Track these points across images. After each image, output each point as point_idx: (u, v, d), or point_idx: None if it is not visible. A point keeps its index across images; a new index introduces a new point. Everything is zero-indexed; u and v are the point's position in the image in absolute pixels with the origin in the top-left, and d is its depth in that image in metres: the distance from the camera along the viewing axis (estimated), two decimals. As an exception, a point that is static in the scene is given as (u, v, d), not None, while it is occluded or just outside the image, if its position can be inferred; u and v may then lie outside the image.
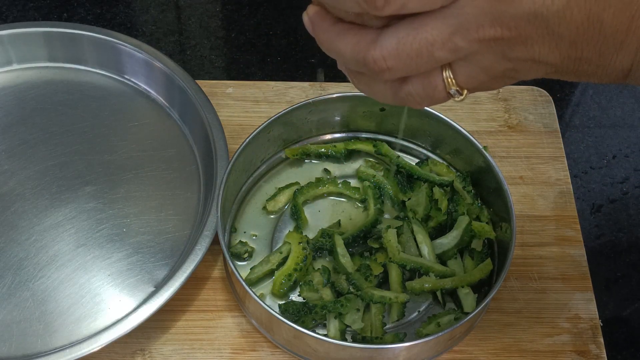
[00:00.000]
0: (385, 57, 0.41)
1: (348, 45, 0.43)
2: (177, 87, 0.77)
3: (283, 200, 0.72)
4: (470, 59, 0.42)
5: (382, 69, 0.42)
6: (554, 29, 0.40)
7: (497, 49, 0.41)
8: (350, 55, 0.43)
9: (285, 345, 0.64)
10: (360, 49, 0.42)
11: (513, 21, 0.39)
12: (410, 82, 0.43)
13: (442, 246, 0.67)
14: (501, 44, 0.41)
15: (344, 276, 0.66)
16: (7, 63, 0.81)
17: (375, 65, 0.42)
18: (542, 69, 0.42)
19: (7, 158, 0.75)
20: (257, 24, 0.91)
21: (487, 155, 0.69)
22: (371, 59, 0.42)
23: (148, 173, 0.75)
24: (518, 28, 0.40)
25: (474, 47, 0.41)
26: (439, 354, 0.64)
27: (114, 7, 0.92)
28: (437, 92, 0.43)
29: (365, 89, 0.46)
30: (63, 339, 0.64)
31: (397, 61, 0.41)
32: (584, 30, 0.40)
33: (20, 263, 0.68)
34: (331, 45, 0.43)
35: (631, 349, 0.69)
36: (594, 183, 0.79)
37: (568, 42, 0.40)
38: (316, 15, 0.44)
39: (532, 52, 0.41)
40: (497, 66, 0.42)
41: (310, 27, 0.44)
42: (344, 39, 0.43)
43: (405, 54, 0.41)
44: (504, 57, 0.41)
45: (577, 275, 0.70)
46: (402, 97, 0.44)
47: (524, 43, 0.40)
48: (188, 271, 0.65)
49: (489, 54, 0.41)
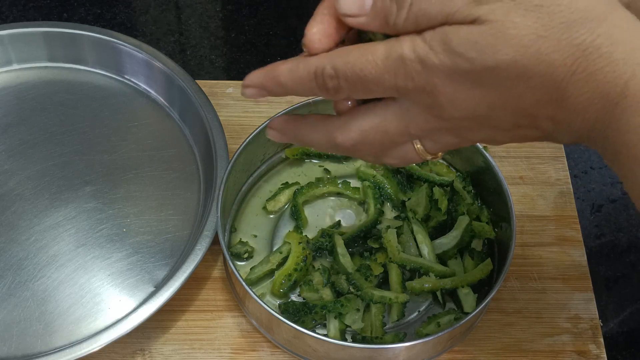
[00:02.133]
0: (354, 144, 0.46)
1: (320, 135, 0.48)
2: (177, 87, 0.77)
3: (283, 200, 0.72)
4: (432, 138, 0.45)
5: (352, 152, 0.47)
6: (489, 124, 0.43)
7: (450, 133, 0.44)
8: (324, 143, 0.48)
9: (285, 345, 0.64)
10: (331, 137, 0.47)
11: (452, 120, 0.43)
12: (386, 156, 0.48)
13: (442, 246, 0.67)
14: (450, 131, 0.44)
15: (344, 276, 0.66)
16: (7, 63, 0.81)
17: (346, 149, 0.47)
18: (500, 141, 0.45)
19: (7, 158, 0.75)
20: (257, 24, 0.91)
21: (487, 155, 0.69)
22: (341, 145, 0.47)
23: (148, 173, 0.75)
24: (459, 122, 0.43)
25: (427, 133, 0.45)
26: (439, 354, 0.64)
27: (114, 7, 0.92)
28: (413, 159, 0.47)
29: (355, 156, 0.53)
30: (63, 339, 0.64)
31: (364, 146, 0.46)
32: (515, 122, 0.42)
33: (20, 263, 0.68)
34: (305, 137, 0.49)
35: (631, 349, 0.69)
36: (594, 183, 0.79)
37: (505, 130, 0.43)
38: (282, 121, 0.50)
39: (480, 135, 0.44)
40: (458, 142, 0.45)
41: (277, 135, 0.50)
42: (316, 130, 0.48)
43: (369, 140, 0.46)
44: (458, 137, 0.45)
45: (577, 275, 0.70)
46: (381, 162, 0.49)
47: (468, 130, 0.44)
48: (188, 271, 0.65)
49: (444, 136, 0.45)
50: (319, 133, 0.48)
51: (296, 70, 0.45)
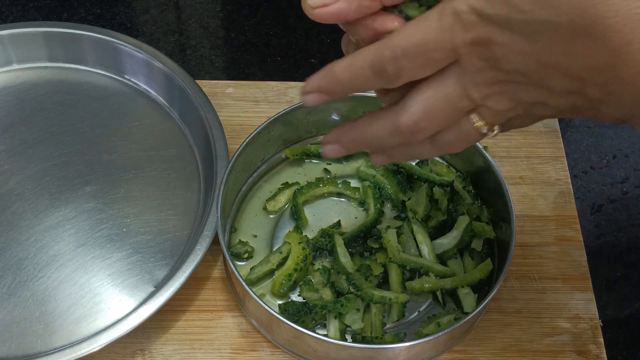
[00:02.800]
0: (416, 120, 0.45)
1: (380, 126, 0.47)
2: (177, 87, 0.77)
3: (283, 200, 0.72)
4: (488, 105, 0.44)
5: (415, 131, 0.46)
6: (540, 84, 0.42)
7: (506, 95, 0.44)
8: (385, 132, 0.47)
9: (285, 345, 0.64)
10: (391, 123, 0.46)
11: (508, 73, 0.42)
12: (445, 134, 0.47)
13: (442, 246, 0.67)
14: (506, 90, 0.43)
15: (344, 276, 0.66)
16: (7, 63, 0.81)
17: (409, 130, 0.46)
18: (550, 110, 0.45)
19: (7, 158, 0.75)
20: (257, 24, 0.91)
21: (487, 155, 0.69)
22: (404, 126, 0.45)
23: (148, 173, 0.75)
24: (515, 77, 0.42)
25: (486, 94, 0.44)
26: (439, 354, 0.64)
27: (114, 7, 0.92)
28: (470, 136, 0.46)
29: (411, 156, 0.50)
30: (63, 339, 0.64)
31: (427, 121, 0.45)
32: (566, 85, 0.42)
33: (20, 263, 0.68)
34: (365, 136, 0.48)
35: (631, 349, 0.69)
36: (594, 183, 0.79)
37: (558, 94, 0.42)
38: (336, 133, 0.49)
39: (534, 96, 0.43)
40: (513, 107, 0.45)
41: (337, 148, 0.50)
42: (373, 123, 0.47)
43: (432, 113, 0.45)
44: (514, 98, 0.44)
45: (577, 275, 0.70)
46: (442, 149, 0.48)
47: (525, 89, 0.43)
48: (188, 271, 0.65)
49: (501, 99, 0.44)
50: (378, 124, 0.47)
51: (352, 64, 0.44)
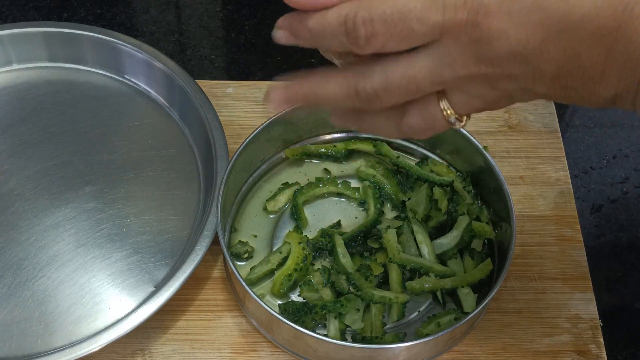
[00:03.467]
0: (375, 89, 0.43)
1: (336, 83, 0.44)
2: (177, 87, 0.77)
3: (283, 200, 0.72)
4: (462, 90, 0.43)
5: (372, 99, 0.43)
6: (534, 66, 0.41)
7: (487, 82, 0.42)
8: (340, 91, 0.44)
9: (285, 345, 0.64)
10: (349, 82, 0.44)
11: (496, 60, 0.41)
12: (410, 113, 0.45)
13: (442, 246, 0.67)
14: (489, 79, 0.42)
15: (344, 276, 0.66)
16: (7, 63, 0.81)
17: (366, 95, 0.43)
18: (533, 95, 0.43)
19: (7, 158, 0.75)
20: (257, 24, 0.91)
21: (487, 155, 0.69)
22: (362, 91, 0.43)
23: (148, 173, 0.75)
24: (501, 66, 0.41)
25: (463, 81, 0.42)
26: (439, 354, 0.64)
27: (114, 7, 0.92)
28: (436, 122, 0.44)
29: (371, 129, 0.48)
30: (63, 339, 0.64)
31: (387, 93, 0.43)
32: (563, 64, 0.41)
33: (20, 263, 0.68)
34: (318, 89, 0.45)
35: (631, 349, 0.69)
36: (594, 183, 0.79)
37: (550, 76, 0.41)
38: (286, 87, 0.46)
39: (519, 84, 0.42)
40: (490, 95, 0.43)
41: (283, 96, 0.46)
42: (331, 79, 0.44)
43: (394, 87, 0.43)
44: (493, 88, 0.42)
45: (577, 275, 0.70)
46: (404, 131, 0.46)
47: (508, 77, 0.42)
48: (188, 271, 0.65)
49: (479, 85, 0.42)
50: (335, 81, 0.44)
51: (325, 15, 0.42)
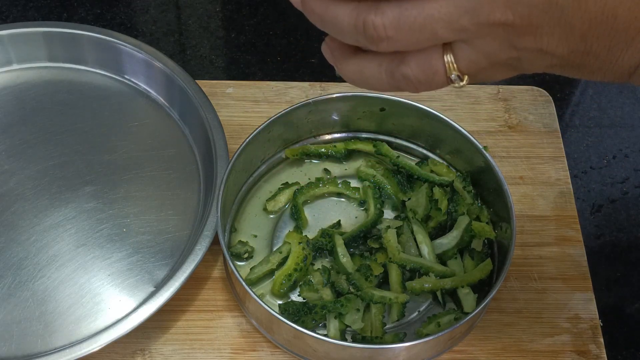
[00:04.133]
0: (386, 25, 0.40)
1: (346, 9, 0.41)
2: (177, 87, 0.77)
3: (283, 200, 0.72)
4: (474, 43, 0.40)
5: (380, 37, 0.40)
6: (567, 20, 0.39)
7: (505, 36, 0.40)
8: (347, 21, 0.41)
9: (285, 345, 0.64)
10: (359, 13, 0.40)
11: (527, 9, 0.38)
12: (408, 63, 0.42)
13: (442, 246, 0.67)
14: (510, 31, 0.40)
15: (344, 276, 0.66)
16: (7, 63, 0.81)
17: (375, 31, 0.40)
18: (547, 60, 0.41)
19: (7, 158, 0.75)
20: (257, 24, 0.91)
21: (487, 155, 0.69)
22: (371, 24, 0.40)
23: (148, 173, 0.75)
24: (531, 16, 0.39)
25: (481, 31, 0.40)
26: (439, 354, 0.64)
27: (114, 7, 0.92)
28: (436, 76, 0.42)
29: (357, 75, 0.44)
30: (63, 339, 0.64)
31: (397, 32, 0.40)
32: (597, 24, 0.39)
33: (20, 263, 0.68)
34: (326, 11, 0.41)
35: (631, 349, 0.69)
36: (594, 183, 0.79)
37: (579, 34, 0.39)
38: None
39: (541, 43, 0.40)
40: (502, 54, 0.41)
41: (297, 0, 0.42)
42: (342, 6, 0.41)
43: (407, 26, 0.39)
44: (510, 45, 0.40)
45: (577, 275, 0.70)
46: (398, 80, 0.42)
47: (533, 33, 0.39)
48: (188, 271, 0.65)
49: (495, 40, 0.40)
50: (345, 9, 0.41)
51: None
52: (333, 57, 0.45)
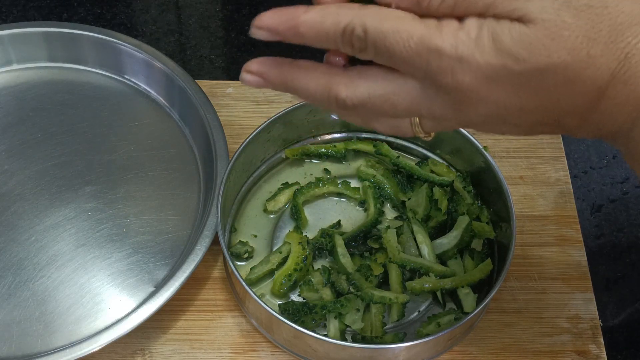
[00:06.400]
0: (354, 102, 0.43)
1: (318, 85, 0.44)
2: (177, 87, 0.77)
3: (283, 200, 0.72)
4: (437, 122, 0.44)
5: (345, 109, 0.44)
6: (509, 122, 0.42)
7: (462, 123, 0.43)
8: (320, 95, 0.44)
9: (285, 345, 0.64)
10: (328, 87, 0.43)
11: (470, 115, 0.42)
12: (378, 120, 0.45)
13: (442, 246, 0.67)
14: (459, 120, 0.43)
15: (344, 276, 0.66)
16: (7, 63, 0.81)
17: (340, 105, 0.43)
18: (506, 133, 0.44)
19: (7, 158, 0.75)
20: (257, 24, 0.91)
21: (487, 155, 0.69)
22: (341, 102, 0.43)
23: (148, 173, 0.75)
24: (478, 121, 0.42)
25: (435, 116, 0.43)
26: (439, 354, 0.64)
27: (114, 7, 0.92)
28: (404, 131, 0.45)
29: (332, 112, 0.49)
30: (63, 339, 0.64)
31: (362, 108, 0.43)
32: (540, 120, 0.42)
33: (20, 263, 0.68)
34: (296, 81, 0.44)
35: (631, 349, 0.69)
36: (594, 183, 0.79)
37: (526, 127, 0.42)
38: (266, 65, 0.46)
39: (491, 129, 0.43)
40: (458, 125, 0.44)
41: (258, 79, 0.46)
42: (313, 80, 0.44)
43: (371, 105, 0.43)
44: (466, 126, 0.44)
45: (577, 275, 0.70)
46: (372, 127, 0.46)
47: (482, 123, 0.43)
48: (188, 271, 0.65)
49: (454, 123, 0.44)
50: (317, 81, 0.44)
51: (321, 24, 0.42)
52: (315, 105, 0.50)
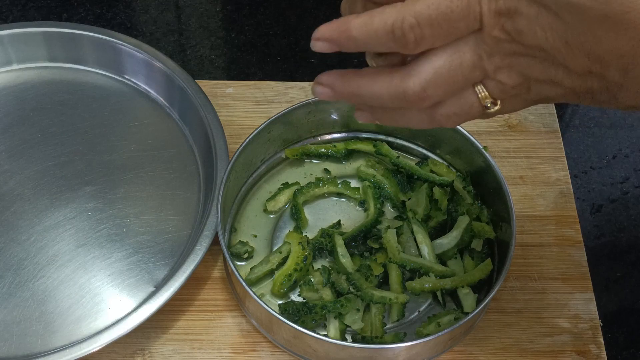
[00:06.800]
0: (424, 87, 0.44)
1: (383, 84, 0.45)
2: (177, 87, 0.77)
3: (283, 200, 0.72)
4: (498, 77, 0.44)
5: (421, 98, 0.44)
6: (562, 63, 0.42)
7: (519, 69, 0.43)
8: (387, 93, 0.45)
9: (285, 345, 0.64)
10: (396, 84, 0.45)
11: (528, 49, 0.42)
12: (445, 105, 0.46)
13: (442, 246, 0.68)
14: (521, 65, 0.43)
15: (344, 276, 0.66)
16: (7, 63, 0.81)
17: (415, 95, 0.44)
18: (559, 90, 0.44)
19: (7, 158, 0.75)
20: (257, 24, 0.91)
21: (487, 155, 0.69)
22: (411, 91, 0.44)
23: (148, 173, 0.75)
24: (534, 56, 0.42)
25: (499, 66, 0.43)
26: (439, 354, 0.64)
27: (114, 7, 0.92)
28: (473, 108, 0.46)
29: (399, 121, 0.48)
30: (63, 339, 0.64)
31: (435, 88, 0.44)
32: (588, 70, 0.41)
33: (20, 263, 0.68)
34: (365, 91, 0.46)
35: (631, 349, 0.69)
36: (594, 183, 0.79)
37: (577, 75, 0.42)
38: (332, 76, 0.47)
39: (549, 74, 0.43)
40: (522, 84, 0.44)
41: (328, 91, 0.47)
42: (377, 81, 0.45)
43: (442, 80, 0.44)
44: (525, 77, 0.44)
45: (577, 275, 0.70)
46: (438, 120, 0.47)
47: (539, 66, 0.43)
48: (188, 271, 0.65)
49: (513, 73, 0.44)
50: (382, 83, 0.45)
51: (370, 24, 0.43)
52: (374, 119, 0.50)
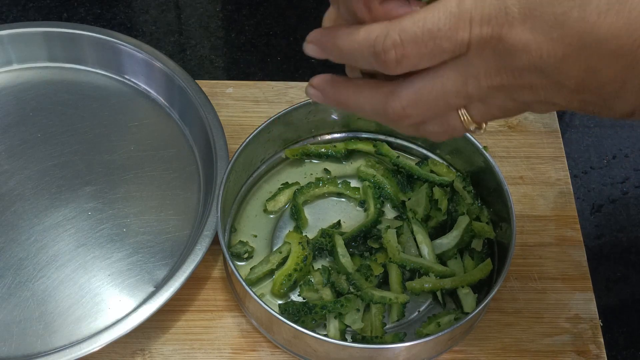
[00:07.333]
0: (404, 107, 0.44)
1: (367, 98, 0.46)
2: (177, 87, 0.77)
3: (283, 200, 0.72)
4: (483, 102, 0.44)
5: (401, 117, 0.45)
6: (554, 79, 0.41)
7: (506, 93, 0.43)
8: (370, 108, 0.46)
9: (285, 345, 0.64)
10: (379, 101, 0.45)
11: (517, 71, 0.41)
12: (429, 124, 0.46)
13: (442, 246, 0.67)
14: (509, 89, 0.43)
15: (344, 276, 0.66)
16: (7, 63, 0.81)
17: (395, 115, 0.45)
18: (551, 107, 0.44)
19: (7, 158, 0.75)
20: (257, 24, 0.91)
21: (487, 155, 0.69)
22: (391, 110, 0.45)
23: (148, 173, 0.75)
24: (522, 77, 0.42)
25: (484, 92, 0.43)
26: (439, 354, 0.64)
27: (114, 7, 0.92)
28: (456, 130, 0.46)
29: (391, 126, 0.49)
30: (63, 339, 0.64)
31: (416, 110, 0.44)
32: (582, 80, 0.41)
33: (20, 263, 0.68)
34: (349, 101, 0.46)
35: (631, 349, 0.69)
36: (594, 183, 0.79)
37: (569, 89, 0.42)
38: (324, 81, 0.47)
39: (538, 96, 0.43)
40: (508, 105, 0.44)
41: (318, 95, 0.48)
42: (362, 94, 0.46)
43: (423, 103, 0.44)
44: (513, 99, 0.43)
45: (577, 275, 0.70)
46: (423, 134, 0.47)
47: (529, 88, 0.42)
48: (188, 271, 0.65)
49: (499, 97, 0.43)
50: (366, 97, 0.46)
51: (355, 35, 0.42)
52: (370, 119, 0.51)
